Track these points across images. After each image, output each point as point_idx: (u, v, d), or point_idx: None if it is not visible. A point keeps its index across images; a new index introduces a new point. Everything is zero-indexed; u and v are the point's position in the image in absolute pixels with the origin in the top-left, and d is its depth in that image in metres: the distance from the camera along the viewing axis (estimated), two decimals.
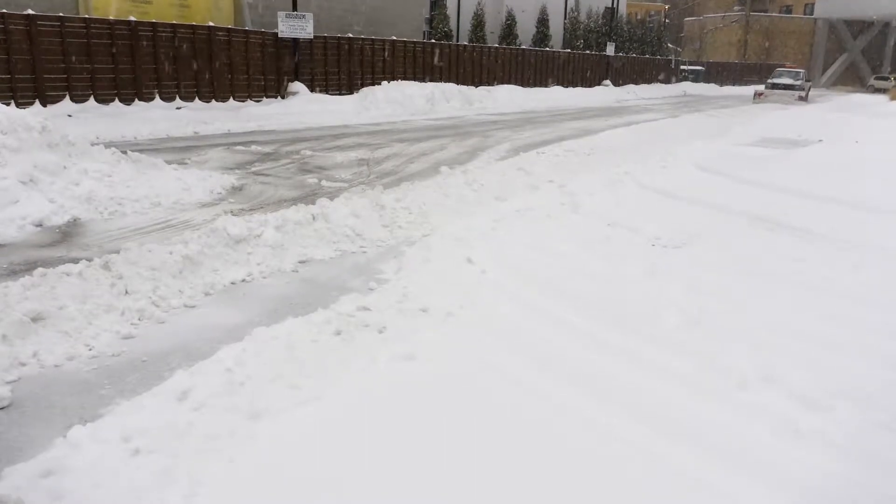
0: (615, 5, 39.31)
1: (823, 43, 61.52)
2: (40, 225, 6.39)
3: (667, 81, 43.31)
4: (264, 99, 20.17)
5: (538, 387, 3.43)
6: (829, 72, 61.46)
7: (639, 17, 53.63)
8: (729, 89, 46.92)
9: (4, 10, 14.63)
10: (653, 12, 58.23)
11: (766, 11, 65.10)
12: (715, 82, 48.88)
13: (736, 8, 64.47)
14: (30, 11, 14.96)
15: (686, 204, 8.18)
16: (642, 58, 42.37)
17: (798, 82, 33.41)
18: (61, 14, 15.80)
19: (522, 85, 30.30)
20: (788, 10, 65.62)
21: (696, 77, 46.57)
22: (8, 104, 8.32)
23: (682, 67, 46.79)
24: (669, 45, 51.22)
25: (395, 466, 2.72)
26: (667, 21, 56.11)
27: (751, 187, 9.31)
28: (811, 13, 62.34)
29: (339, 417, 3.07)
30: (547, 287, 4.98)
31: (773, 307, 4.70)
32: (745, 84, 52.00)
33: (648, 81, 41.42)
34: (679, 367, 3.69)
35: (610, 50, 36.67)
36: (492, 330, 4.14)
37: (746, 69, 55.89)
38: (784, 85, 33.17)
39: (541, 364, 3.68)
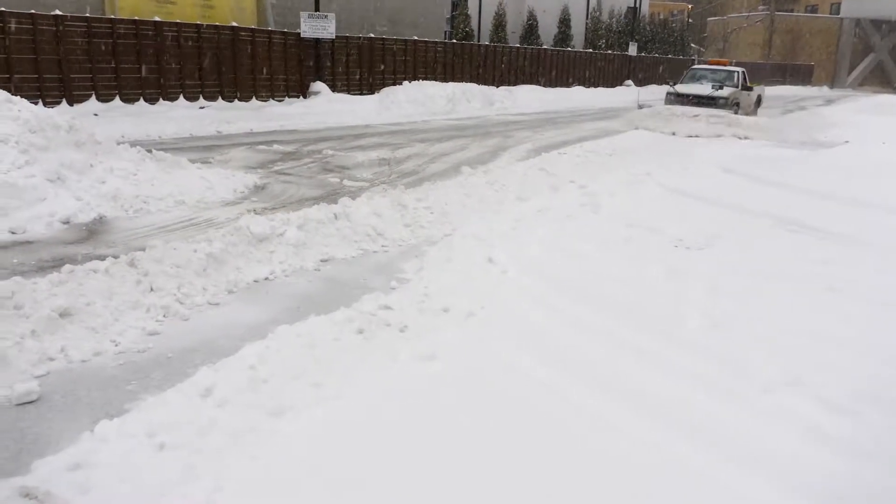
0: (637, 5, 39.07)
1: (850, 43, 60.65)
2: (67, 222, 6.49)
3: None
4: (286, 98, 20.30)
5: (558, 387, 3.42)
6: (856, 72, 60.60)
7: (661, 16, 53.24)
8: None
9: (33, 11, 14.85)
10: (675, 12, 57.78)
11: (791, 11, 64.32)
12: None
13: (760, 7, 63.79)
14: (57, 12, 15.17)
15: (708, 205, 8.12)
16: (665, 58, 42.06)
17: (726, 92, 18.72)
18: (88, 14, 16.01)
19: (543, 85, 30.22)
20: (814, 9, 64.77)
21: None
22: (36, 103, 8.45)
23: None
24: (692, 45, 50.82)
25: (416, 465, 2.74)
26: (690, 21, 55.68)
27: (774, 189, 9.22)
28: (837, 13, 61.49)
29: (361, 416, 3.09)
30: (568, 288, 4.97)
31: (796, 309, 4.65)
32: (770, 84, 51.43)
33: (673, 80, 41.07)
34: (702, 370, 3.67)
35: (632, 50, 36.44)
36: (513, 330, 4.15)
37: (771, 69, 55.28)
38: (697, 98, 18.63)
39: (561, 365, 3.68)
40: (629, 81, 36.06)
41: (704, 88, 19.15)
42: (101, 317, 4.17)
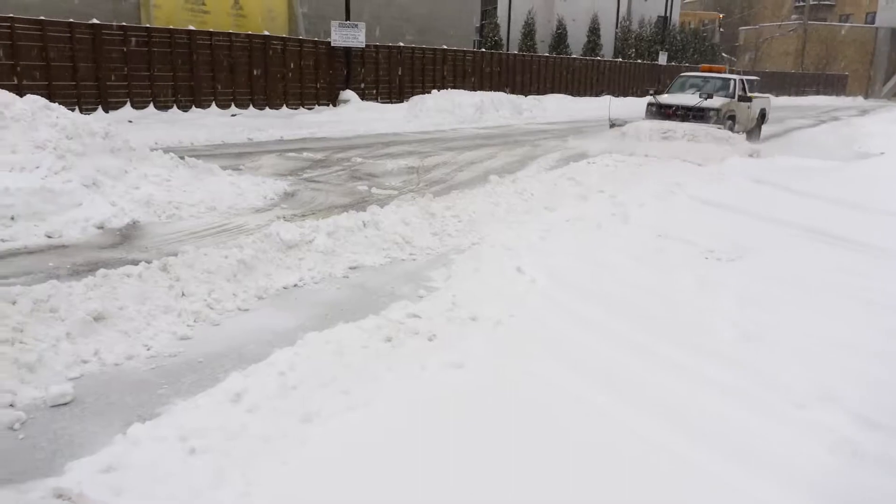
0: (668, 14, 38.85)
1: (885, 52, 59.65)
2: (102, 227, 6.60)
3: None
4: (316, 106, 20.50)
5: (588, 398, 3.39)
6: (891, 82, 59.57)
7: (692, 25, 52.89)
8: (785, 100, 45.80)
9: (71, 20, 15.18)
10: (707, 21, 57.35)
11: (824, 20, 63.50)
12: (771, 93, 47.82)
13: (793, 17, 63.05)
14: (95, 21, 15.50)
15: (740, 216, 8.01)
16: (695, 67, 41.72)
17: (717, 103, 15.43)
18: (124, 23, 16.33)
19: (572, 94, 30.15)
20: (848, 18, 63.86)
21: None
22: (73, 110, 8.62)
23: None
24: (724, 54, 50.37)
25: (445, 474, 2.73)
26: (721, 30, 55.21)
27: (808, 199, 9.07)
28: (872, 22, 60.57)
29: (390, 423, 3.09)
30: (597, 298, 4.94)
31: (830, 323, 4.56)
32: (803, 94, 50.76)
33: (651, 90, 40.74)
34: (734, 383, 3.61)
35: (662, 59, 36.22)
36: (541, 340, 4.12)
37: (804, 79, 54.56)
38: (682, 110, 15.51)
39: (591, 375, 3.65)
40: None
41: (692, 99, 15.93)
42: (133, 321, 4.23)
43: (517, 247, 6.27)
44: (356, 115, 19.35)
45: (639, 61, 36.16)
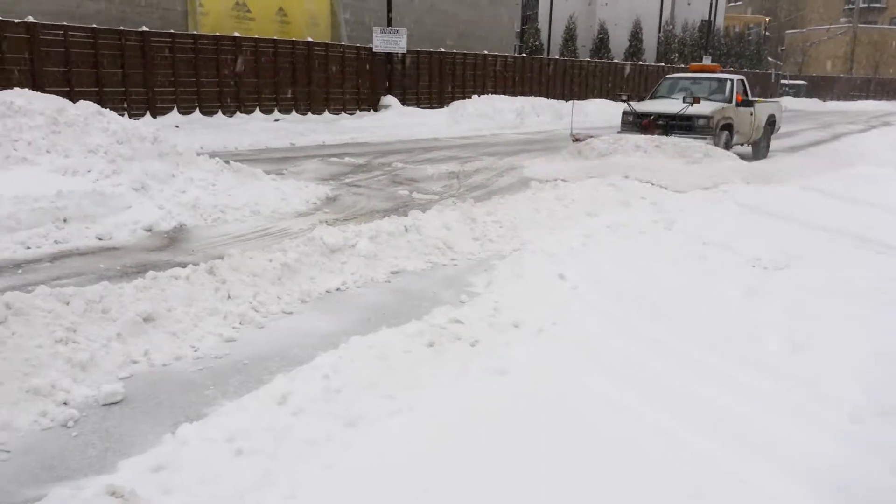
0: (712, 17, 38.29)
1: None
2: (150, 230, 6.75)
3: (767, 96, 41.82)
4: (357, 112, 20.68)
5: (633, 408, 3.34)
6: None
7: (737, 29, 52.02)
8: (834, 104, 44.82)
9: (122, 28, 15.58)
10: (752, 25, 56.36)
11: (875, 23, 61.90)
12: (818, 97, 46.82)
13: (842, 20, 61.58)
14: (144, 28, 15.88)
15: (788, 224, 7.84)
16: (740, 71, 41.03)
17: (709, 108, 12.60)
18: (172, 30, 16.70)
19: (614, 99, 29.89)
20: None
21: (797, 92, 44.75)
22: (122, 115, 8.84)
23: (783, 82, 45.02)
24: (770, 58, 49.45)
25: (488, 482, 2.72)
26: (767, 34, 54.20)
27: (859, 207, 8.84)
28: None
29: (434, 430, 3.09)
30: (640, 305, 4.88)
31: (882, 334, 4.43)
32: (852, 99, 49.53)
33: (625, 96, 40.04)
34: (783, 395, 3.53)
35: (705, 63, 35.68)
36: (584, 348, 4.09)
37: (853, 84, 53.25)
38: (664, 118, 12.88)
39: (635, 386, 3.60)
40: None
41: (674, 105, 12.83)
42: (181, 322, 4.31)
43: (559, 253, 6.23)
44: (397, 121, 19.48)
45: (682, 66, 35.70)
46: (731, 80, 13.88)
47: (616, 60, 32.12)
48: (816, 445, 3.07)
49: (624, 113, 13.74)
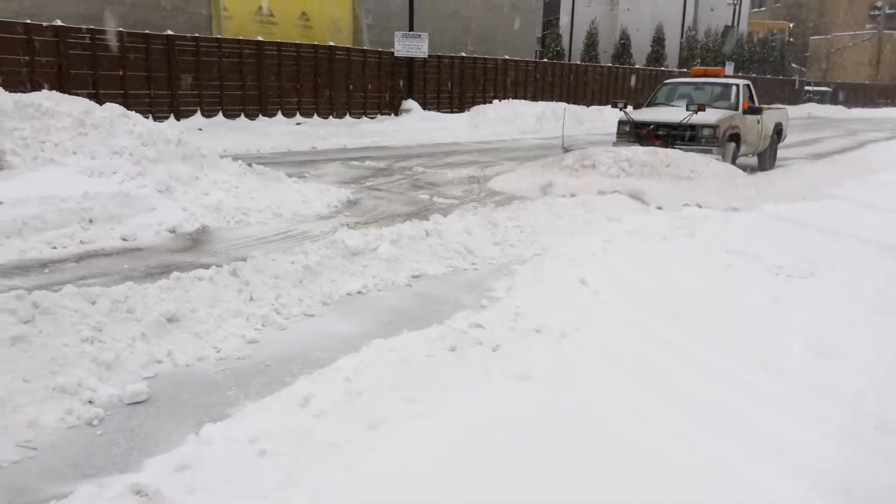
0: (735, 23, 38.02)
1: None
2: (174, 231, 6.81)
3: (790, 103, 41.42)
4: (378, 116, 20.77)
5: (656, 415, 3.31)
6: None
7: (760, 35, 51.60)
8: (858, 111, 44.25)
9: (147, 31, 15.77)
10: (776, 31, 55.86)
11: None
12: (843, 104, 46.27)
13: (868, 26, 60.85)
14: (169, 32, 16.06)
15: (813, 232, 7.75)
16: (763, 78, 40.70)
17: (714, 117, 11.51)
18: (196, 34, 16.87)
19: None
20: None
21: (821, 98, 44.26)
22: (146, 117, 8.94)
23: (807, 88, 44.56)
24: (793, 64, 48.98)
25: (511, 486, 2.70)
26: (790, 40, 53.71)
27: (883, 214, 8.73)
28: None
29: (455, 434, 3.08)
30: (662, 312, 4.84)
31: None
32: (877, 106, 48.91)
33: (769, 102, 39.72)
34: (807, 404, 3.48)
35: (728, 70, 35.41)
36: (606, 353, 4.06)
37: (879, 90, 52.57)
38: (665, 128, 11.83)
39: (657, 392, 3.56)
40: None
41: (677, 114, 11.69)
42: (204, 323, 4.34)
43: (580, 258, 6.21)
44: (418, 125, 19.53)
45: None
46: (737, 86, 12.81)
47: (638, 66, 31.97)
48: (840, 454, 3.02)
49: (620, 122, 12.57)
